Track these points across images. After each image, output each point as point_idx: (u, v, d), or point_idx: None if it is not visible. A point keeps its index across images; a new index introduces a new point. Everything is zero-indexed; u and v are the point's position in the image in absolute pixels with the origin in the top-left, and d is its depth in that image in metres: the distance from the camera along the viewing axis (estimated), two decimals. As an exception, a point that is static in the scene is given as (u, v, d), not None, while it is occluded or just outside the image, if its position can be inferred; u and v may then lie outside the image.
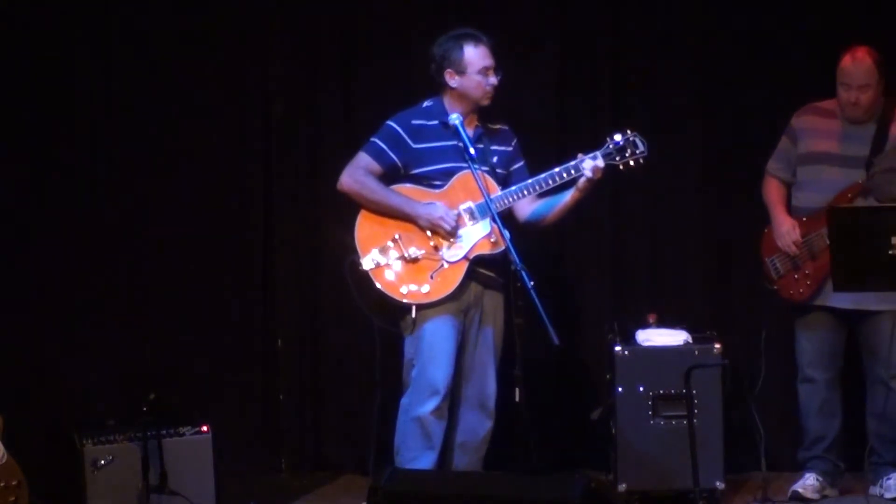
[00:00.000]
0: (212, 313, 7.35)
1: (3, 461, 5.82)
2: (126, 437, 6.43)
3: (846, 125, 6.68)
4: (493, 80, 6.29)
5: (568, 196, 6.28)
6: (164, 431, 6.45)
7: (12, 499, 5.81)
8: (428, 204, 6.24)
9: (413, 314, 6.20)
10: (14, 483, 5.84)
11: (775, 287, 6.76)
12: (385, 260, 6.20)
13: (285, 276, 7.49)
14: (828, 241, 6.51)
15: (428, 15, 7.23)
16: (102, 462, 6.36)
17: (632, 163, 6.28)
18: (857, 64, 6.56)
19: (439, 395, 6.22)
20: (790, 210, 6.77)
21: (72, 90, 7.12)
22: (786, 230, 6.71)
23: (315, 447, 7.54)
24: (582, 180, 6.21)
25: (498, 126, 6.45)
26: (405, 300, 6.19)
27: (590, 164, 6.19)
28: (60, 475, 6.45)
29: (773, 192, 6.82)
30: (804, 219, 6.69)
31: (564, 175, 6.23)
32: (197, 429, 6.57)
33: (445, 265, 6.22)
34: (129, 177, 7.22)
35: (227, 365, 7.38)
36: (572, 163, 6.23)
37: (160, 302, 7.24)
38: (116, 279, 7.20)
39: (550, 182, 6.24)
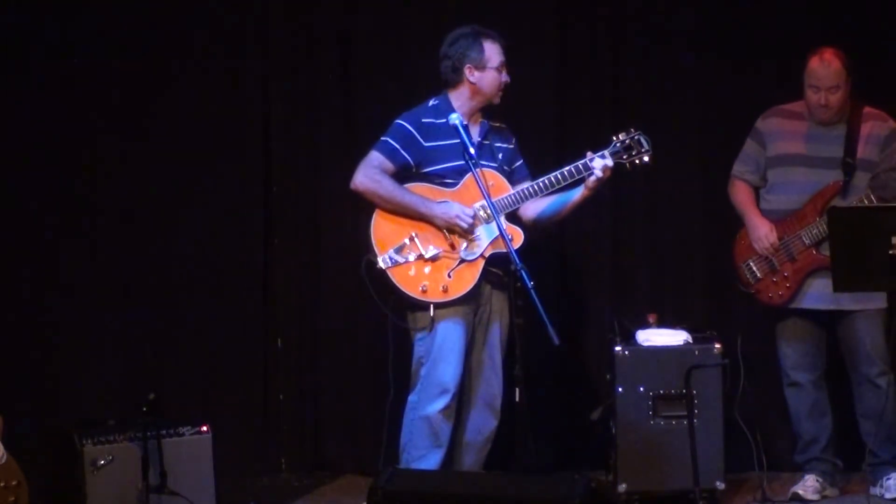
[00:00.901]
0: (212, 314, 7.34)
1: (3, 461, 5.81)
2: (126, 437, 6.41)
3: (813, 126, 6.67)
4: (506, 77, 6.30)
5: (577, 194, 6.27)
6: (164, 431, 6.43)
7: (12, 499, 5.80)
8: (443, 203, 6.23)
9: (431, 312, 6.20)
10: (14, 483, 5.82)
11: (752, 291, 6.74)
12: (402, 259, 6.20)
13: (285, 275, 7.49)
14: (806, 243, 6.58)
15: (428, 14, 7.23)
16: (102, 462, 6.34)
17: (637, 161, 6.27)
18: (825, 66, 6.55)
19: (449, 394, 6.22)
20: (760, 213, 6.75)
21: (71, 89, 7.11)
22: (764, 233, 6.68)
23: (315, 447, 7.54)
24: (592, 179, 6.19)
25: (499, 124, 6.46)
26: (424, 298, 6.19)
27: (600, 163, 6.18)
28: (60, 475, 6.44)
29: (742, 195, 6.79)
30: (788, 219, 6.68)
31: (574, 173, 6.22)
32: (197, 429, 6.55)
33: (463, 263, 6.23)
34: (129, 177, 7.22)
35: (227, 365, 7.38)
36: (581, 161, 6.22)
37: (160, 302, 7.24)
38: (116, 279, 7.19)
39: (561, 179, 6.23)
